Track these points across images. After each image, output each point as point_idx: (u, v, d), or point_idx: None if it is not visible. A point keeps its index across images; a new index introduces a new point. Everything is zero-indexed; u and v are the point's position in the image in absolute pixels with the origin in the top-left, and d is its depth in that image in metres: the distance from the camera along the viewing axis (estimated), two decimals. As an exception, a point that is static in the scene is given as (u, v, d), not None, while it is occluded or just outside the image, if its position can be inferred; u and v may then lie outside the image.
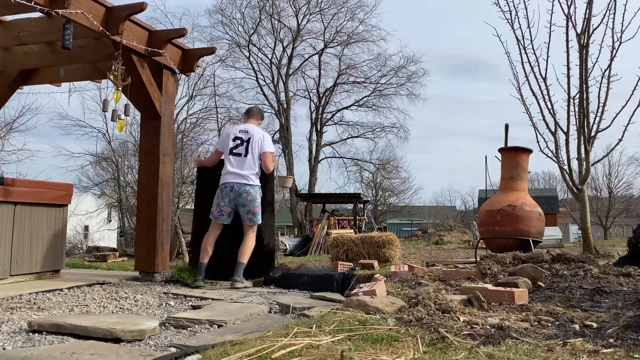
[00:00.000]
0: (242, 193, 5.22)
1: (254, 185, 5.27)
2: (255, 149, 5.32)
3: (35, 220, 5.48)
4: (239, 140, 5.36)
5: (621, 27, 6.90)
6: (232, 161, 5.30)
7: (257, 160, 5.32)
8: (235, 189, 5.24)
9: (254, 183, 5.28)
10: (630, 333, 2.53)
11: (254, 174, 5.28)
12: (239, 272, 5.12)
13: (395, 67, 29.12)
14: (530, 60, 7.52)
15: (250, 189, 5.24)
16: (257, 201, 5.29)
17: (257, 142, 5.34)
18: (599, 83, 7.03)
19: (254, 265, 5.39)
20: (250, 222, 5.30)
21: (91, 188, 26.68)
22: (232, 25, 28.10)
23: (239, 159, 5.30)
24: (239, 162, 5.28)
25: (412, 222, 36.38)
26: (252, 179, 5.26)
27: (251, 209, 5.25)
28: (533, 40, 7.49)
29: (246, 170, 5.25)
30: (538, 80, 7.47)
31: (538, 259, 5.18)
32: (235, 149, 5.33)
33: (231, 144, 5.36)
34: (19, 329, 3.21)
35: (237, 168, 5.26)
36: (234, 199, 5.25)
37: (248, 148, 5.31)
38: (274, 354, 2.26)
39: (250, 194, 5.24)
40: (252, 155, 5.30)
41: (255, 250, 5.43)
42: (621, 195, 34.61)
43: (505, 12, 7.64)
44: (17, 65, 6.36)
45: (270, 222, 5.74)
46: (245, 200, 5.23)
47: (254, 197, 5.26)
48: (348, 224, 17.28)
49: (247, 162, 5.27)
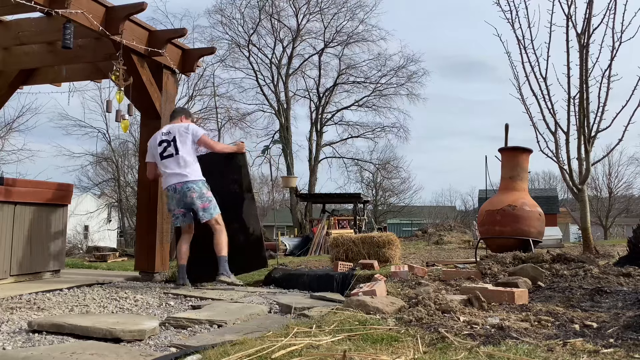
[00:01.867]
0: (186, 191, 4.99)
1: (196, 180, 5.02)
2: (185, 143, 5.07)
3: (35, 220, 5.48)
4: (165, 142, 5.13)
5: (621, 27, 6.91)
6: (167, 164, 5.08)
7: (191, 154, 5.09)
8: (177, 189, 5.02)
9: (196, 178, 5.03)
10: (630, 333, 2.53)
11: (192, 170, 5.04)
12: (222, 266, 4.99)
13: (395, 67, 29.11)
14: (530, 60, 7.52)
15: (193, 184, 4.99)
16: (205, 195, 5.04)
17: (183, 136, 5.09)
18: (599, 83, 7.04)
19: (244, 255, 5.33)
20: (207, 218, 5.05)
21: (91, 188, 26.68)
22: (232, 25, 28.09)
23: (172, 159, 5.06)
24: (174, 163, 5.05)
25: (412, 222, 36.36)
26: (191, 174, 5.02)
27: (200, 204, 5.00)
28: (533, 40, 7.50)
29: (183, 168, 5.01)
30: (538, 80, 7.48)
31: (538, 259, 5.18)
32: (165, 152, 5.10)
33: (159, 149, 5.14)
34: (19, 329, 3.21)
35: (174, 168, 5.03)
36: (181, 199, 5.03)
37: (177, 146, 5.06)
38: (274, 354, 2.26)
39: (194, 190, 4.99)
40: (185, 151, 5.05)
41: (243, 240, 5.38)
42: (621, 195, 34.61)
43: (506, 12, 7.65)
44: (17, 65, 6.36)
45: (252, 211, 5.52)
46: (192, 197, 4.98)
47: (200, 192, 5.01)
48: (348, 224, 17.27)
49: (181, 159, 5.03)
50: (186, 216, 5.12)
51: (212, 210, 5.06)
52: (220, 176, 5.41)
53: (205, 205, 5.02)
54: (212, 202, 5.08)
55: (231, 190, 5.47)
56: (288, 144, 27.76)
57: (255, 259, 5.41)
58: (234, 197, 5.47)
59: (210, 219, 5.06)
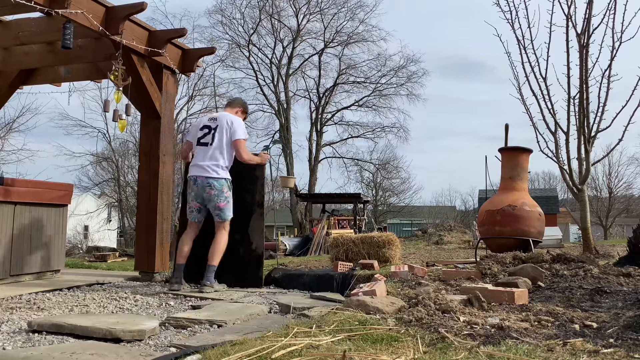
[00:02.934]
0: (205, 186, 4.79)
1: (218, 178, 4.80)
2: (222, 138, 4.85)
3: (35, 220, 5.48)
4: (207, 128, 4.91)
5: (621, 27, 6.90)
6: (198, 152, 4.89)
7: (225, 150, 4.85)
8: (198, 182, 4.82)
9: (219, 175, 4.80)
10: (631, 333, 2.53)
11: (218, 165, 4.81)
12: (208, 275, 4.72)
13: (395, 67, 29.14)
14: (530, 60, 7.52)
15: (214, 181, 4.78)
16: (224, 194, 4.83)
17: (225, 130, 4.86)
18: (599, 83, 7.04)
19: (240, 270, 5.16)
20: (219, 219, 4.85)
21: (91, 188, 26.70)
22: (232, 26, 28.13)
23: (205, 149, 4.86)
24: (204, 153, 4.85)
25: (412, 222, 36.38)
26: (215, 171, 4.80)
27: (217, 203, 4.80)
28: (533, 40, 7.50)
29: (209, 161, 4.80)
30: (538, 80, 7.48)
31: (538, 259, 5.18)
32: (203, 139, 4.89)
33: (199, 134, 4.93)
34: (19, 329, 3.20)
35: (201, 159, 4.84)
36: (200, 193, 4.83)
37: (215, 136, 4.85)
38: (274, 354, 2.26)
39: (214, 187, 4.79)
40: (220, 145, 4.83)
41: (243, 254, 5.21)
42: (621, 195, 34.63)
43: (506, 12, 7.65)
44: (17, 65, 6.36)
45: (259, 225, 5.32)
46: (210, 194, 4.79)
47: (220, 190, 4.80)
48: (348, 224, 17.28)
49: (212, 152, 4.82)
50: (200, 212, 4.92)
51: (227, 212, 4.88)
52: (237, 183, 5.15)
53: (222, 205, 4.83)
54: (229, 203, 4.89)
55: (243, 200, 5.27)
56: (288, 144, 27.77)
57: (251, 277, 5.18)
58: (244, 208, 5.26)
59: (223, 222, 4.87)
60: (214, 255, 4.78)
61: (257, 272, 5.22)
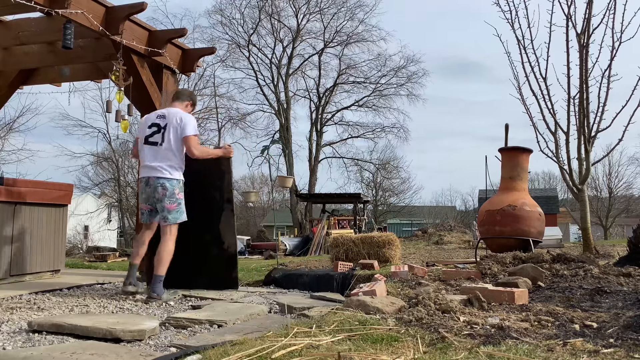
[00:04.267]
0: (157, 187, 4.49)
1: (170, 179, 4.51)
2: (172, 136, 4.54)
3: (35, 220, 5.48)
4: (156, 127, 4.61)
5: (621, 27, 6.92)
6: (147, 152, 4.59)
7: (177, 149, 4.56)
8: (150, 183, 4.53)
9: (171, 176, 4.51)
10: (630, 333, 2.53)
11: (170, 166, 4.53)
12: (154, 286, 4.35)
13: (395, 68, 29.14)
14: (530, 60, 7.54)
15: (166, 182, 4.49)
16: (175, 197, 4.52)
17: (174, 128, 4.56)
18: (599, 83, 7.05)
19: (214, 272, 4.90)
20: (165, 221, 4.51)
21: (91, 188, 26.71)
22: (232, 26, 28.13)
23: (154, 148, 4.56)
24: (154, 153, 4.56)
25: (412, 222, 36.38)
26: (167, 171, 4.51)
27: (166, 205, 4.49)
28: (533, 40, 7.51)
29: (160, 162, 4.51)
30: (538, 80, 7.49)
31: (538, 259, 5.19)
32: (151, 137, 4.60)
33: (147, 132, 4.63)
34: (19, 329, 3.20)
35: (151, 160, 4.55)
36: (151, 194, 4.54)
37: (164, 136, 4.55)
38: (274, 354, 2.26)
39: (167, 188, 4.48)
40: (170, 144, 4.53)
41: (216, 254, 4.93)
42: (621, 195, 34.62)
43: (506, 12, 7.66)
44: (17, 65, 6.36)
45: (230, 223, 5.01)
46: (161, 195, 4.48)
47: (171, 191, 4.49)
48: (348, 224, 17.29)
49: (163, 152, 4.53)
50: (152, 214, 4.64)
51: (177, 214, 4.53)
52: (201, 180, 4.90)
53: (171, 207, 4.51)
54: (180, 205, 4.56)
55: (210, 198, 5.01)
56: (288, 144, 27.78)
57: (226, 279, 4.90)
58: (213, 206, 5.01)
59: (168, 225, 4.51)
60: (159, 265, 4.43)
61: (232, 272, 4.95)
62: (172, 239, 4.50)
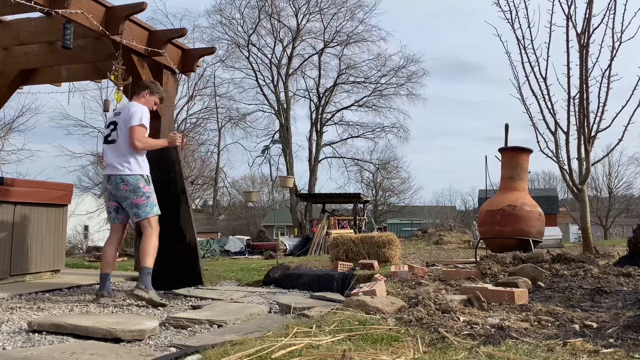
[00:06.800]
0: (118, 184, 4.35)
1: (131, 175, 4.35)
2: (125, 131, 4.40)
3: (35, 220, 5.47)
4: (113, 124, 4.48)
5: (621, 27, 6.92)
6: (107, 151, 4.46)
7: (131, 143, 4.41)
8: (111, 180, 4.40)
9: (131, 172, 4.35)
10: (630, 333, 2.53)
11: (128, 161, 4.36)
12: (143, 278, 4.21)
13: (395, 67, 29.17)
14: (530, 60, 7.54)
15: (128, 177, 4.34)
16: (141, 190, 4.35)
17: (124, 122, 4.40)
18: (599, 83, 7.06)
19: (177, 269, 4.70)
20: (137, 217, 4.38)
21: (91, 188, 26.71)
22: (232, 26, 28.17)
23: (113, 146, 4.43)
24: (113, 151, 4.42)
25: (412, 222, 36.38)
26: (125, 167, 4.35)
27: (132, 200, 4.33)
28: (533, 40, 7.52)
29: (118, 158, 4.38)
30: (538, 80, 7.50)
31: (538, 259, 5.19)
32: (110, 136, 4.48)
33: (106, 132, 4.52)
34: (19, 329, 3.20)
35: (111, 158, 4.42)
36: (114, 192, 4.40)
37: (119, 132, 4.42)
38: (274, 354, 2.26)
39: (129, 182, 4.33)
40: (124, 139, 4.38)
41: (180, 250, 4.74)
42: (621, 195, 34.66)
43: (506, 12, 7.67)
44: (17, 65, 6.36)
45: (187, 214, 4.79)
46: (124, 191, 4.33)
47: (134, 185, 4.34)
48: (348, 224, 17.30)
49: (119, 148, 4.39)
50: (119, 212, 4.48)
51: (147, 208, 4.37)
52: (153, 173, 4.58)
53: (139, 201, 4.33)
54: (150, 198, 4.40)
55: (166, 191, 4.75)
56: (288, 144, 27.79)
57: (190, 274, 4.70)
58: (170, 200, 4.77)
59: (144, 219, 4.36)
60: (146, 256, 4.30)
61: (195, 267, 4.73)
62: (155, 232, 4.38)
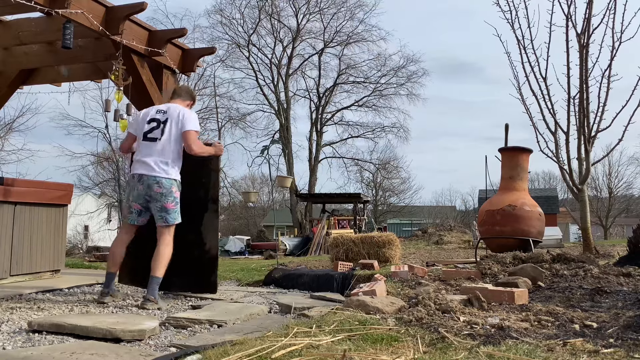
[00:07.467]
0: (152, 184, 4.24)
1: (168, 178, 4.28)
2: (172, 132, 4.32)
3: (35, 220, 5.47)
4: (155, 122, 4.38)
5: (621, 27, 6.92)
6: (144, 147, 4.35)
7: (175, 146, 4.34)
8: (144, 180, 4.27)
9: (167, 175, 4.28)
10: (630, 333, 2.53)
11: (166, 163, 4.29)
12: (152, 288, 4.12)
13: (395, 67, 29.14)
14: (530, 60, 7.54)
15: (163, 180, 4.26)
16: (173, 195, 4.29)
17: (175, 123, 4.34)
18: (599, 83, 7.06)
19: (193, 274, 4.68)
20: (164, 222, 4.28)
21: (91, 188, 26.71)
22: (232, 26, 28.12)
23: (152, 144, 4.33)
24: (151, 149, 4.32)
25: (412, 222, 36.37)
26: (163, 169, 4.27)
27: (164, 204, 4.25)
28: (533, 40, 7.52)
29: (156, 157, 4.28)
30: (538, 80, 7.50)
31: (538, 259, 5.19)
32: (150, 133, 4.36)
33: (146, 127, 4.39)
34: (19, 329, 3.20)
35: (147, 155, 4.30)
36: (143, 192, 4.28)
37: (164, 131, 4.33)
38: (274, 354, 2.26)
39: (163, 185, 4.25)
40: (169, 140, 4.31)
41: (197, 255, 4.69)
42: (621, 195, 34.66)
43: (506, 12, 7.67)
44: (17, 65, 6.36)
45: (213, 224, 4.78)
46: (156, 193, 4.24)
47: (168, 189, 4.26)
48: (348, 224, 17.30)
49: (161, 148, 4.30)
50: (141, 215, 4.38)
51: (175, 214, 4.33)
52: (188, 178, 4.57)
53: (169, 206, 4.28)
54: (177, 206, 4.35)
55: (195, 196, 4.72)
56: (288, 144, 27.78)
57: (204, 282, 4.69)
58: (197, 205, 4.74)
59: (167, 226, 4.30)
60: (158, 266, 4.20)
61: (211, 276, 4.69)
62: (172, 241, 4.32)
